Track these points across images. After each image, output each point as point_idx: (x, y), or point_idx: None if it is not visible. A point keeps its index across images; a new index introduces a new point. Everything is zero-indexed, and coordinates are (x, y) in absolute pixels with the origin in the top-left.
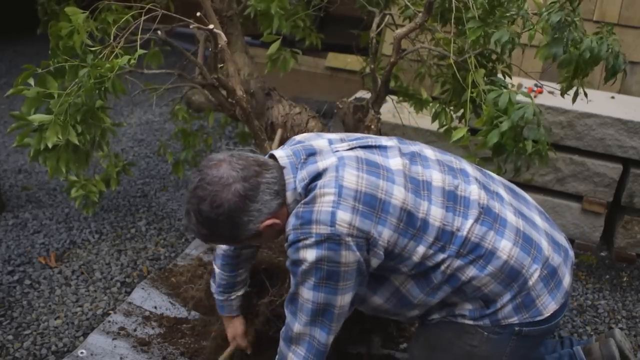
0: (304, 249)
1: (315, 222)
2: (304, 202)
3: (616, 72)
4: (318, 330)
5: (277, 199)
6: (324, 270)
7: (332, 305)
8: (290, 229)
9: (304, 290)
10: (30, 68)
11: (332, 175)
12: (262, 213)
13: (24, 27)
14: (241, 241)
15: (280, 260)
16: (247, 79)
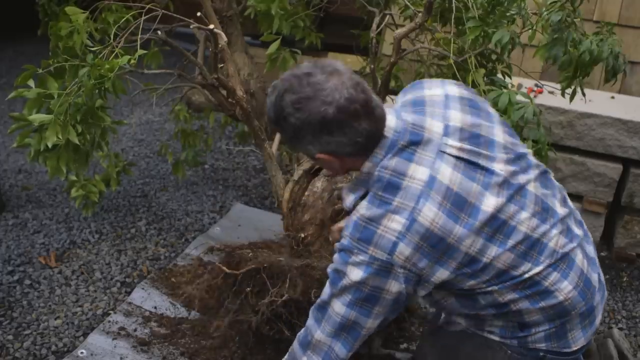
0: (353, 265)
1: (374, 245)
2: (372, 214)
3: (616, 72)
4: (340, 344)
5: (353, 148)
6: (364, 292)
7: (361, 326)
8: (347, 232)
9: (338, 304)
10: (30, 68)
11: (410, 204)
12: (328, 147)
13: (24, 27)
14: (295, 149)
15: (280, 261)
16: (247, 79)
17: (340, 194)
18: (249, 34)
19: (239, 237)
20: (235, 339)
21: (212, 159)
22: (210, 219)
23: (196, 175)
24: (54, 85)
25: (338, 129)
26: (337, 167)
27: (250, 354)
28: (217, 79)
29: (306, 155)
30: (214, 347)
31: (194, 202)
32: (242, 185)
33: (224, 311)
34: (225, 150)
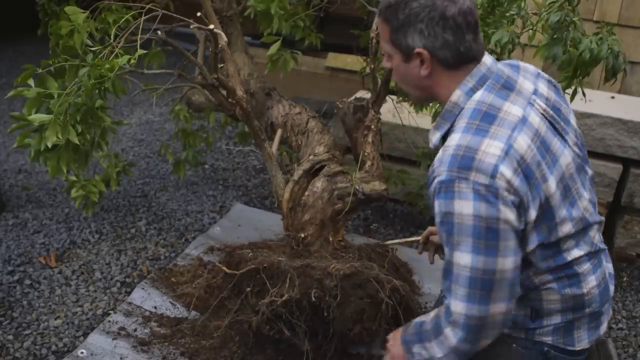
0: (459, 199)
1: (476, 170)
2: (469, 142)
3: (616, 72)
4: (476, 306)
5: (453, 55)
6: (482, 228)
7: (492, 271)
8: (444, 168)
9: (460, 255)
10: (30, 68)
11: (506, 132)
12: (434, 42)
13: (24, 27)
14: (393, 43)
15: (280, 261)
16: (247, 79)
17: (340, 194)
18: (249, 34)
19: (239, 237)
20: (235, 339)
21: (212, 159)
22: (210, 219)
23: (196, 175)
24: (54, 85)
25: (452, 28)
26: (423, 77)
27: (250, 354)
28: (217, 79)
29: (402, 53)
30: (214, 347)
31: (194, 202)
32: (242, 185)
33: (224, 311)
34: (225, 150)
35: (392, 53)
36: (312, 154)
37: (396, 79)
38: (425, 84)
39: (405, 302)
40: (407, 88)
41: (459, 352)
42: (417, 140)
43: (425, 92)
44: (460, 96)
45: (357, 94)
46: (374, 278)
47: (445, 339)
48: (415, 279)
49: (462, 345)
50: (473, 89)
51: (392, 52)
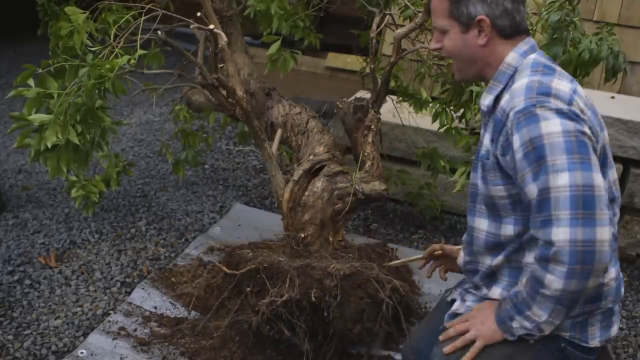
0: (544, 120)
1: (554, 96)
2: (540, 78)
3: (616, 72)
4: (581, 228)
5: (510, 23)
6: (573, 141)
7: (591, 186)
8: (520, 98)
9: (556, 177)
10: (30, 68)
11: (568, 78)
12: (494, 11)
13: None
14: (452, 15)
15: (280, 261)
16: (247, 79)
17: (340, 194)
18: (249, 34)
19: (239, 237)
20: (235, 339)
21: (212, 159)
22: (210, 219)
23: (196, 175)
24: (54, 85)
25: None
26: (479, 49)
27: (250, 354)
28: (217, 79)
29: (461, 24)
30: (214, 347)
31: (194, 202)
32: (242, 185)
33: (224, 311)
34: (225, 150)
35: (449, 27)
36: (312, 154)
37: (449, 54)
38: (480, 54)
39: (405, 302)
40: (459, 63)
41: (566, 298)
42: (417, 140)
43: (479, 64)
44: (515, 57)
45: (357, 94)
46: (374, 278)
47: (549, 289)
48: (415, 279)
49: (569, 284)
50: (527, 52)
51: (449, 26)
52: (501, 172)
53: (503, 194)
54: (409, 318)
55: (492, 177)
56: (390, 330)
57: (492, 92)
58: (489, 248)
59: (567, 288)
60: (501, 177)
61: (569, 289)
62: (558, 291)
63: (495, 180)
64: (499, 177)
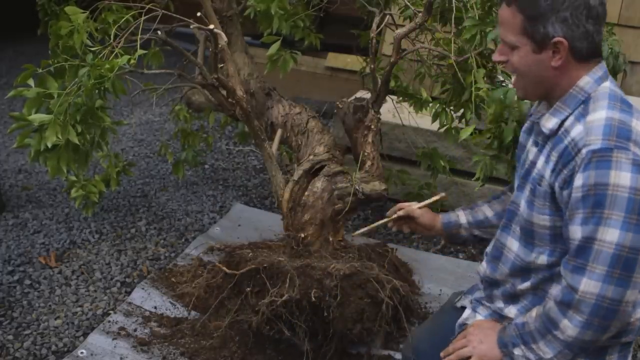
0: (617, 169)
1: (634, 143)
2: (620, 117)
3: (616, 72)
4: (613, 287)
5: (588, 45)
6: (637, 201)
7: (638, 250)
8: (597, 136)
9: (606, 230)
10: (30, 68)
11: None
12: (573, 32)
13: (24, 27)
14: (526, 32)
15: (280, 261)
16: (247, 79)
17: (340, 194)
18: (249, 34)
19: (239, 237)
20: (235, 339)
21: (212, 159)
22: (210, 219)
23: (196, 175)
24: (54, 85)
25: (594, 18)
26: (551, 70)
27: (250, 354)
28: (217, 79)
29: (535, 42)
30: (214, 347)
31: (194, 202)
32: (242, 185)
33: (224, 311)
34: (225, 150)
35: (521, 44)
36: (312, 154)
37: (515, 70)
38: (551, 75)
39: (405, 302)
40: (525, 82)
41: (576, 345)
42: (417, 140)
43: (546, 85)
44: (588, 82)
45: (357, 94)
46: (374, 278)
47: (562, 333)
48: (415, 279)
49: (584, 334)
50: (602, 78)
51: (520, 43)
52: (553, 203)
53: (546, 224)
54: (409, 318)
55: (540, 204)
56: (390, 330)
57: (559, 115)
58: (516, 270)
59: (581, 337)
60: (550, 207)
61: (582, 338)
62: (571, 338)
63: (543, 209)
64: (548, 207)
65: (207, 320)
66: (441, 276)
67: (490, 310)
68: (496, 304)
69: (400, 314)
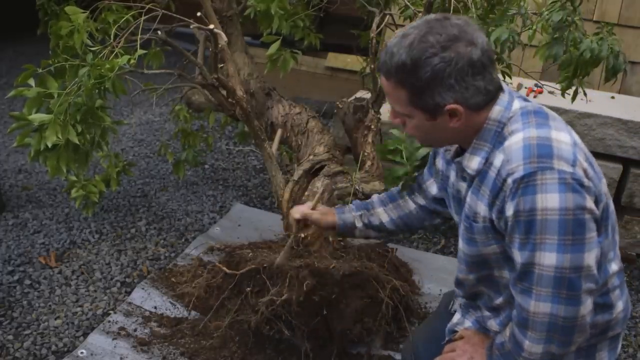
0: (542, 192)
1: (557, 158)
2: (538, 133)
3: (616, 72)
4: (563, 306)
5: (485, 97)
6: (569, 221)
7: (579, 268)
8: (518, 162)
9: (543, 255)
10: (30, 68)
11: (564, 126)
12: (465, 94)
13: (24, 27)
14: (414, 104)
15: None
16: (247, 79)
17: (340, 194)
18: (249, 34)
19: (239, 237)
20: (235, 339)
21: (212, 159)
22: (210, 219)
23: (196, 175)
24: (54, 85)
25: (481, 72)
26: (453, 128)
27: (250, 354)
28: (217, 79)
29: (428, 112)
30: (214, 347)
31: (194, 202)
32: (242, 185)
33: (224, 311)
34: (225, 150)
35: (412, 114)
36: (312, 154)
37: (414, 134)
38: (454, 133)
39: (405, 302)
40: (429, 142)
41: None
42: None
43: (450, 139)
44: (500, 111)
45: (357, 94)
46: (374, 278)
47: (529, 353)
48: (415, 279)
49: (548, 348)
50: (510, 102)
51: (412, 113)
52: (496, 233)
53: (497, 251)
54: (409, 318)
55: (482, 239)
56: (390, 330)
57: (480, 154)
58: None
59: (546, 351)
60: (495, 237)
61: (550, 351)
62: (538, 354)
63: (487, 241)
64: (492, 237)
65: (207, 320)
66: (441, 276)
67: (475, 317)
68: (482, 312)
69: (401, 314)
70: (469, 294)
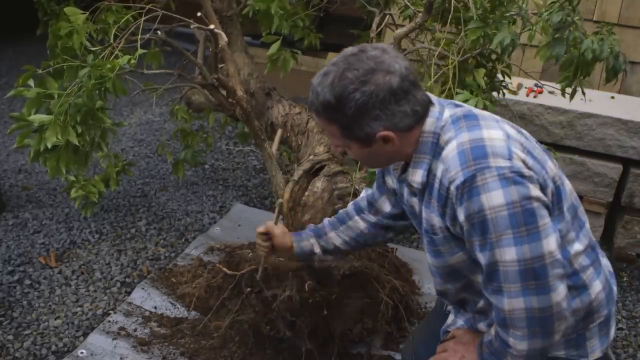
0: (486, 192)
1: (493, 155)
2: (470, 137)
3: (617, 72)
4: (535, 297)
5: (414, 118)
6: (519, 213)
7: (541, 257)
8: (457, 169)
9: (503, 252)
10: (30, 69)
11: (494, 123)
12: (392, 120)
13: (24, 27)
14: (347, 137)
15: (280, 261)
16: (247, 79)
17: (340, 194)
18: (249, 34)
19: (239, 237)
20: (235, 339)
21: (212, 159)
22: (210, 219)
23: (196, 175)
24: (54, 86)
25: (403, 97)
26: (390, 150)
27: (250, 354)
28: (217, 79)
29: (361, 141)
30: (214, 347)
31: (194, 202)
32: (242, 185)
33: (224, 311)
34: (225, 150)
35: (348, 145)
36: (312, 154)
37: (357, 159)
38: (391, 154)
39: (405, 302)
40: (373, 165)
41: (533, 354)
42: None
43: (394, 159)
44: (433, 123)
45: None
46: (374, 278)
47: (515, 349)
48: (415, 279)
49: (533, 343)
50: (441, 112)
51: (348, 144)
52: (456, 240)
53: (464, 258)
54: (409, 318)
55: (446, 249)
56: (390, 330)
57: (421, 166)
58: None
59: (533, 347)
60: (458, 244)
61: (535, 347)
62: (524, 351)
63: (452, 249)
64: (456, 245)
65: (207, 321)
66: None
67: (466, 317)
68: (471, 314)
69: (401, 314)
70: (454, 302)
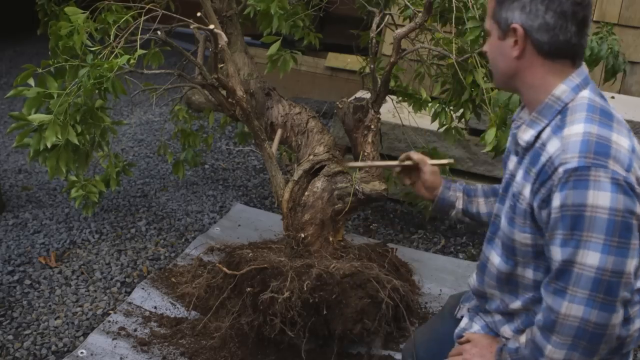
0: (596, 189)
1: (614, 159)
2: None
3: (616, 72)
4: (596, 311)
5: (550, 42)
6: (617, 222)
7: (620, 273)
8: (573, 154)
9: (586, 254)
10: (30, 68)
11: (626, 132)
12: (533, 22)
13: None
14: (494, 16)
15: (280, 261)
16: (247, 79)
17: (340, 194)
18: (249, 34)
19: (239, 237)
20: (235, 339)
21: (212, 159)
22: (210, 219)
23: (196, 175)
24: (54, 85)
25: (555, 11)
26: (513, 64)
27: (250, 354)
28: (217, 79)
29: (500, 27)
30: (214, 347)
31: (194, 202)
32: (242, 185)
33: (224, 311)
34: (225, 150)
35: (491, 29)
36: (312, 154)
37: (488, 56)
38: (515, 68)
39: (405, 302)
40: (495, 71)
41: None
42: (417, 140)
43: (511, 77)
44: (565, 91)
45: (357, 94)
46: (374, 278)
47: (550, 359)
48: (415, 279)
49: (571, 355)
50: (579, 86)
51: (491, 28)
52: (533, 221)
53: (528, 242)
54: (409, 318)
55: (520, 222)
56: (390, 330)
57: (535, 127)
58: (502, 284)
59: (569, 358)
60: (531, 225)
61: (571, 358)
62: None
63: (523, 227)
64: (529, 225)
65: (207, 321)
66: (441, 276)
67: (484, 322)
68: (492, 317)
69: (401, 314)
70: (481, 293)
